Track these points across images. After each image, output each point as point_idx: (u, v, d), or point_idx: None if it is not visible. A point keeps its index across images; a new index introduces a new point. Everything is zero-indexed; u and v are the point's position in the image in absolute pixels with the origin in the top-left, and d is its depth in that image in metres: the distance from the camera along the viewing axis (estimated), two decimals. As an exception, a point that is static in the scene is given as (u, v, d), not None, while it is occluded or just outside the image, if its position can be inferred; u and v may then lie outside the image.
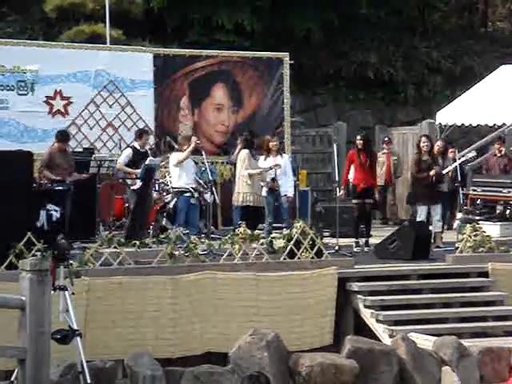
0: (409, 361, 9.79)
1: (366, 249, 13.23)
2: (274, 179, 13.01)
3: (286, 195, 13.22)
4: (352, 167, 13.53)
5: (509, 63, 17.59)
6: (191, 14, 20.15)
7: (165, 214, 13.55)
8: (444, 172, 13.84)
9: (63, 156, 12.79)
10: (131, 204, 13.19)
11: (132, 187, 13.13)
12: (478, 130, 17.75)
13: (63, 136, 13.02)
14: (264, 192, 13.08)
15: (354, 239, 13.39)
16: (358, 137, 13.65)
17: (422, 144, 13.63)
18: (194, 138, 13.25)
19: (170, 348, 10.25)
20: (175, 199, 13.17)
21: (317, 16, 20.86)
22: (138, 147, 13.48)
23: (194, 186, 13.18)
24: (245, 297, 10.68)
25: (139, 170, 13.13)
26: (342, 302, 11.17)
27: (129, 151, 13.46)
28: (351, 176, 13.60)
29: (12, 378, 7.62)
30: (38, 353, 6.66)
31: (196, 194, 13.11)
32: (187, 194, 12.96)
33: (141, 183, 13.06)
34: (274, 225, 13.13)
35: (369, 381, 9.72)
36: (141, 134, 13.69)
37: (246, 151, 13.04)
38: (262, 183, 13.10)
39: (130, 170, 13.24)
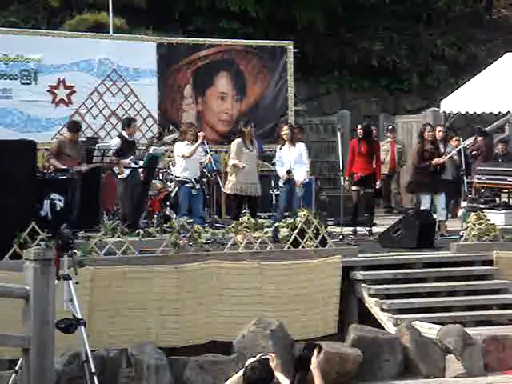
0: (413, 349, 9.80)
1: (370, 237, 13.20)
2: (289, 171, 12.88)
3: (297, 182, 13.03)
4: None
5: (514, 51, 17.51)
6: (195, 1, 20.08)
7: (168, 203, 13.52)
8: (441, 160, 13.70)
9: (73, 146, 12.74)
10: (120, 193, 13.10)
11: (119, 176, 13.05)
12: (483, 117, 17.70)
13: (75, 126, 12.97)
14: (281, 182, 12.98)
15: (351, 228, 13.25)
16: (359, 126, 13.65)
17: (426, 133, 13.59)
18: (201, 134, 13.16)
19: (174, 337, 10.26)
20: (176, 189, 13.15)
21: (321, 4, 20.79)
22: (127, 136, 13.35)
23: (197, 176, 13.10)
24: (249, 286, 10.68)
25: (126, 161, 13.03)
26: (347, 291, 11.17)
27: (117, 140, 13.33)
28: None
29: (16, 367, 7.64)
30: (42, 342, 6.67)
31: (198, 185, 13.04)
32: (188, 185, 12.92)
33: (129, 172, 12.99)
34: (285, 214, 13.02)
35: (373, 369, 9.73)
36: (129, 122, 13.55)
37: (236, 141, 12.96)
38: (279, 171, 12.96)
39: (118, 159, 13.13)
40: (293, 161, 12.88)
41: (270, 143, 15.14)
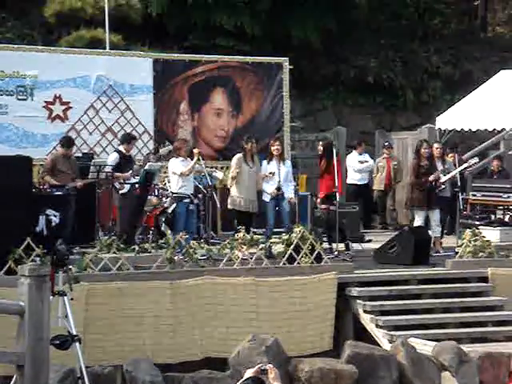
0: (408, 366, 9.79)
1: (345, 254, 12.92)
2: (278, 188, 12.94)
3: (289, 199, 13.07)
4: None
5: (508, 68, 17.60)
6: (190, 18, 20.16)
7: (163, 219, 13.52)
8: (443, 180, 13.77)
9: (67, 162, 12.78)
10: (118, 208, 13.16)
11: (120, 191, 13.12)
12: (478, 134, 17.75)
13: (68, 142, 13.02)
14: (267, 198, 13.02)
15: (327, 245, 12.97)
16: (321, 143, 13.63)
17: (422, 150, 13.58)
18: (195, 150, 13.21)
19: (169, 353, 10.23)
20: (174, 205, 13.15)
21: (316, 21, 20.87)
22: (124, 151, 13.44)
23: (192, 191, 13.15)
24: (244, 302, 10.66)
25: (127, 174, 13.13)
26: (342, 307, 11.16)
27: (115, 155, 13.42)
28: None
29: (11, 384, 7.61)
30: (36, 358, 6.64)
31: (196, 201, 13.09)
32: (186, 200, 12.94)
33: (129, 187, 13.05)
34: (275, 230, 13.07)
35: (368, 386, 9.72)
36: (129, 139, 13.64)
37: (237, 156, 13.02)
38: (266, 188, 13.00)
39: (118, 174, 13.21)
40: (282, 177, 12.96)
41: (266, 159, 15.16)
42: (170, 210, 13.27)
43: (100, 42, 17.56)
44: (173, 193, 13.25)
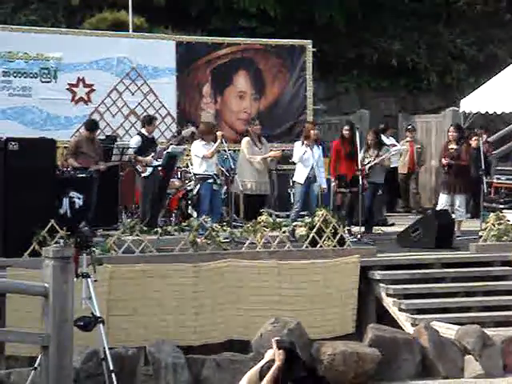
0: (431, 349, 9.76)
1: (351, 238, 12.90)
2: (312, 169, 12.88)
3: (320, 185, 13.05)
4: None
5: (534, 50, 17.42)
6: (214, 1, 20.09)
7: (189, 201, 13.54)
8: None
9: (91, 145, 12.82)
10: (141, 191, 13.22)
11: (142, 174, 13.15)
12: (503, 117, 17.61)
13: (92, 125, 13.06)
14: (301, 180, 12.93)
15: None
16: (346, 126, 13.59)
17: (448, 133, 13.61)
18: (219, 133, 13.20)
19: (191, 335, 10.27)
20: (198, 186, 13.16)
21: (340, 3, 20.75)
22: (147, 134, 13.46)
23: (215, 172, 13.15)
24: (267, 285, 10.68)
25: (149, 158, 13.15)
26: (365, 291, 11.15)
27: (138, 138, 13.43)
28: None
29: (35, 365, 7.68)
30: (61, 340, 6.69)
31: (219, 181, 13.09)
32: (210, 181, 12.95)
33: (152, 170, 13.09)
34: (301, 213, 13.03)
35: (391, 369, 9.70)
36: (150, 120, 13.64)
37: (246, 139, 13.00)
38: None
39: (140, 158, 13.22)
40: (315, 161, 12.94)
41: (287, 142, 15.16)
42: (194, 192, 13.29)
43: (123, 25, 17.57)
44: (195, 174, 13.27)
